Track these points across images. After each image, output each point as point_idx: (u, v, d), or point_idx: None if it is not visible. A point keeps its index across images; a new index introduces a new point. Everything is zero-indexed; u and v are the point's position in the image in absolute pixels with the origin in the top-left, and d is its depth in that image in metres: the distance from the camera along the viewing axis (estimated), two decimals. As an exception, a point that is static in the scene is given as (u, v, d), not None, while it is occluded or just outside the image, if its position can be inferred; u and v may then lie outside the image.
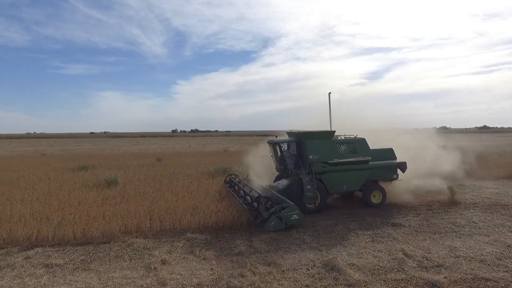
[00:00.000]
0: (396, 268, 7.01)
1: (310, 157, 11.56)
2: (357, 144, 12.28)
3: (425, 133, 19.02)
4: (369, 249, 8.15)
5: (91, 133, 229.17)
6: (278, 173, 13.84)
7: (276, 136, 13.01)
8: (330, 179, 11.85)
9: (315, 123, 15.22)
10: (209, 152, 39.52)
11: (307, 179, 11.23)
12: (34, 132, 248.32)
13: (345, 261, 7.33)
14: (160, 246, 8.47)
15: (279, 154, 12.59)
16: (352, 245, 8.41)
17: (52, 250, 8.23)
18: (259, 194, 10.44)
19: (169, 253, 7.97)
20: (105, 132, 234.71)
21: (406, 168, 12.97)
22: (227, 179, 15.20)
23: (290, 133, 13.12)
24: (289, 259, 7.59)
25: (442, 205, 12.40)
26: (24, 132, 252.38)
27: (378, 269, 7.00)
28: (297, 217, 9.68)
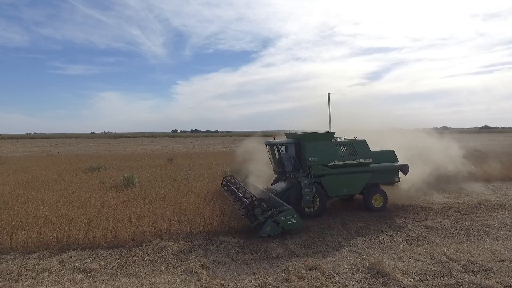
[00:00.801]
0: (443, 273, 6.85)
1: (309, 159, 11.15)
2: (358, 146, 11.84)
3: (427, 133, 18.90)
4: (409, 252, 8.00)
5: (91, 133, 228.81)
6: (276, 175, 13.25)
7: (274, 138, 12.45)
8: (330, 182, 11.40)
9: (315, 124, 15.01)
10: (217, 153, 39.32)
11: (305, 182, 10.81)
12: (34, 133, 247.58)
13: (389, 265, 7.18)
14: (194, 249, 8.31)
15: (277, 156, 12.08)
16: (390, 248, 8.26)
17: (85, 254, 8.06)
18: (255, 197, 10.02)
19: (206, 257, 7.81)
20: (105, 133, 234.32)
21: (408, 170, 12.40)
22: (224, 182, 14.55)
23: (288, 135, 12.66)
24: (330, 262, 7.44)
25: (468, 207, 12.27)
26: (24, 133, 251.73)
27: (425, 273, 6.85)
28: (294, 222, 9.21)
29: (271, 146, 12.18)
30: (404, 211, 11.78)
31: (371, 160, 11.88)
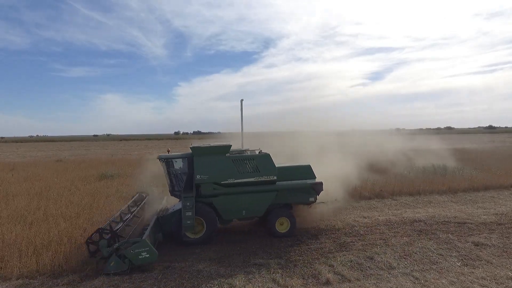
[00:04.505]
0: (518, 302, 6.23)
1: (198, 176, 9.66)
2: (259, 161, 10.15)
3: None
4: (469, 275, 7.38)
5: (94, 135, 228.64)
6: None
7: (168, 151, 11.07)
8: (224, 204, 9.94)
9: (315, 124, 14.24)
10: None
11: (187, 204, 9.34)
12: (37, 135, 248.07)
13: (456, 293, 6.56)
14: (233, 273, 7.71)
15: (172, 173, 10.40)
16: (446, 271, 7.63)
17: (117, 279, 7.48)
18: (111, 224, 8.85)
19: (250, 282, 7.22)
20: (108, 135, 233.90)
21: (322, 189, 10.70)
22: (134, 199, 12.32)
23: (192, 148, 10.55)
24: (388, 289, 6.83)
25: (511, 219, 11.62)
26: (27, 135, 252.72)
27: (497, 303, 6.23)
28: (147, 255, 7.79)
29: (164, 161, 10.41)
30: (445, 224, 11.13)
31: (275, 178, 10.22)
